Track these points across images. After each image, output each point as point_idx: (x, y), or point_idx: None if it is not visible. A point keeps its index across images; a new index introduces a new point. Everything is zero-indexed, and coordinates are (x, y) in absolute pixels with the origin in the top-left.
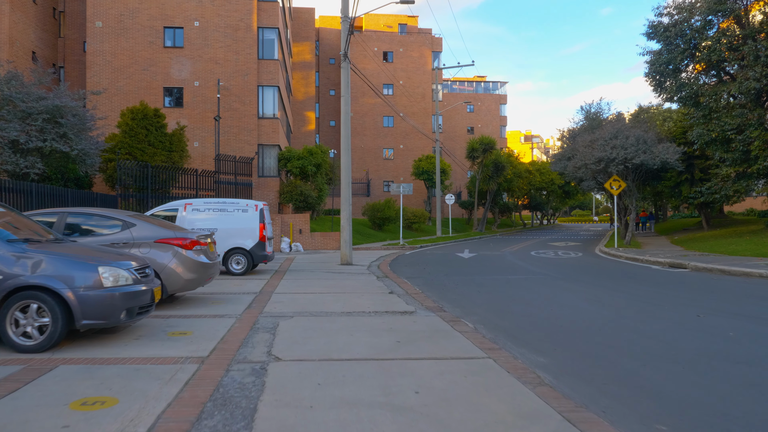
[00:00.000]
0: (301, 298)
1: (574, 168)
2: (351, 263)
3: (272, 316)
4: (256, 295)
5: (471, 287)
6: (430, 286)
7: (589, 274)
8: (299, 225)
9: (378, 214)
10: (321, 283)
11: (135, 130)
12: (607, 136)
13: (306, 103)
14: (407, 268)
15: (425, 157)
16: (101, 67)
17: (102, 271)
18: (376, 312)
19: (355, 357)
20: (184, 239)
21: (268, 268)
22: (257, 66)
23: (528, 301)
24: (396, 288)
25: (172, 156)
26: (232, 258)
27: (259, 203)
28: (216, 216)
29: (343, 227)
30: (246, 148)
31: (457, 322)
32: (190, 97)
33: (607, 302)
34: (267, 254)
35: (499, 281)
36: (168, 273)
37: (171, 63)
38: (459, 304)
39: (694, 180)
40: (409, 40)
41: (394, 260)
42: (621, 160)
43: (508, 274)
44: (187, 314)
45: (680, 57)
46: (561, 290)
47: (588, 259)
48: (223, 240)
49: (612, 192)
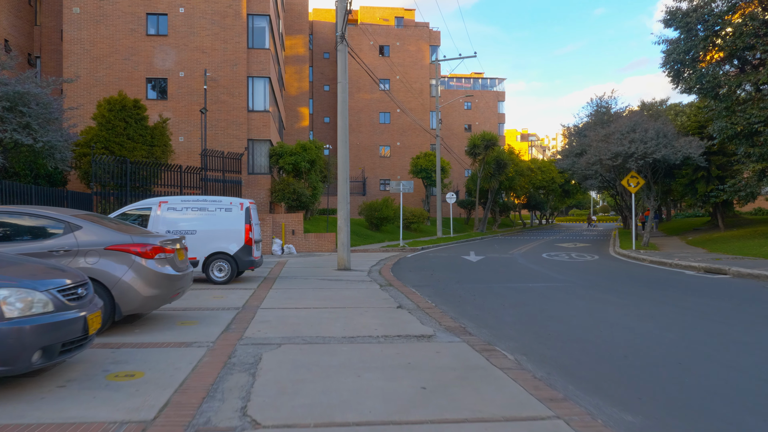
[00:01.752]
0: (292, 315)
1: (587, 164)
2: (349, 268)
3: (254, 344)
4: (238, 312)
5: (491, 298)
6: (443, 296)
7: (619, 281)
8: (292, 225)
9: (375, 214)
10: (316, 293)
11: (112, 123)
12: (623, 129)
13: (299, 98)
14: (412, 274)
15: (423, 154)
16: (79, 56)
17: (3, 296)
18: (386, 337)
19: (367, 419)
20: (144, 245)
21: (255, 275)
22: (247, 56)
23: (566, 317)
24: (404, 300)
25: (153, 151)
26: (214, 264)
27: (245, 201)
28: (195, 216)
29: (340, 228)
30: (235, 143)
31: (492, 351)
32: (175, 89)
33: (662, 320)
34: (254, 260)
35: (520, 290)
36: (122, 289)
37: (154, 52)
38: (484, 323)
39: (711, 177)
40: (406, 33)
41: (396, 264)
42: (640, 154)
43: (527, 280)
44: (144, 341)
45: (701, 44)
46: (598, 303)
47: (607, 262)
48: (203, 243)
49: (630, 189)
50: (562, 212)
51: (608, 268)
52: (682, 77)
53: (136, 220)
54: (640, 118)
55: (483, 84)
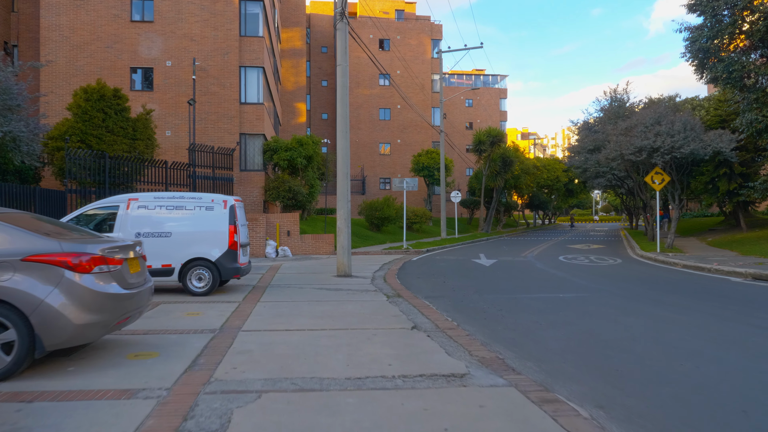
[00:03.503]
0: (281, 341)
1: (606, 159)
2: (350, 274)
3: (225, 393)
4: (214, 336)
5: (521, 314)
6: (464, 311)
7: (661, 290)
8: (287, 226)
9: (376, 214)
10: (312, 308)
11: (90, 114)
12: (648, 121)
13: (296, 93)
14: (422, 282)
15: (425, 151)
16: (57, 43)
17: None
18: (405, 377)
19: None
20: (78, 255)
21: (243, 283)
22: (239, 44)
23: (627, 343)
24: (419, 317)
25: (136, 145)
26: (193, 272)
27: (229, 198)
28: (170, 215)
29: (340, 229)
30: (226, 137)
31: (557, 404)
32: (162, 79)
33: (751, 347)
34: (240, 267)
35: (551, 303)
36: (44, 315)
37: (139, 40)
38: (526, 351)
39: (734, 174)
40: (407, 27)
41: (402, 269)
42: (667, 149)
43: (554, 289)
44: (74, 388)
45: (728, 29)
46: (653, 320)
47: (634, 267)
48: (179, 248)
49: (654, 187)
50: (564, 212)
51: (639, 273)
52: (706, 66)
53: (100, 221)
54: (664, 110)
55: (485, 81)
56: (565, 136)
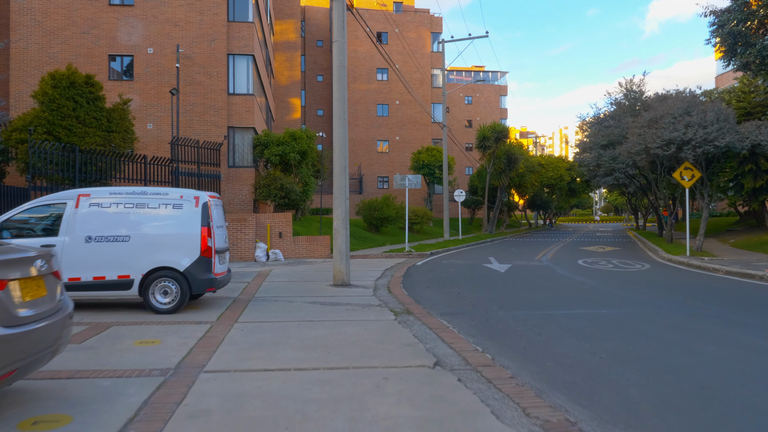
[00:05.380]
0: (255, 393)
1: (629, 154)
2: (348, 283)
3: None
4: (162, 383)
5: (570, 341)
6: (496, 337)
7: (720, 304)
8: (279, 227)
9: (375, 214)
10: (302, 333)
11: (58, 102)
12: (676, 112)
13: (290, 88)
14: (432, 292)
15: (425, 149)
16: (29, 28)
17: None
18: None
19: None
20: None
21: (222, 295)
22: (227, 29)
23: (735, 390)
24: (440, 346)
25: (111, 138)
26: (156, 285)
27: (202, 194)
28: (129, 215)
29: (337, 231)
30: (213, 131)
31: None
32: (143, 68)
33: None
34: (215, 277)
35: (597, 322)
36: None
37: (118, 25)
38: (603, 407)
39: (760, 171)
40: (406, 19)
41: (407, 276)
42: (700, 141)
43: (591, 303)
44: None
45: (763, 11)
46: (746, 350)
47: (669, 273)
48: (140, 254)
49: (684, 184)
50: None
51: (678, 282)
52: (737, 52)
53: (43, 222)
54: (693, 99)
55: (484, 78)
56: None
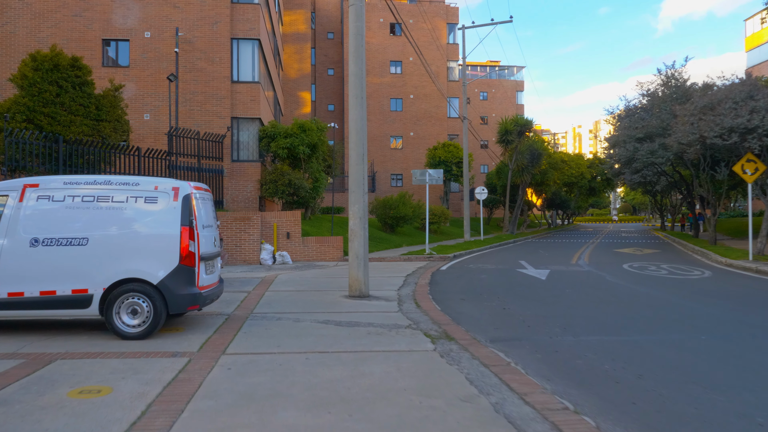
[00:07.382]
0: None
1: (679, 145)
2: (367, 294)
3: None
4: None
5: (693, 388)
6: (585, 384)
7: None
8: (287, 226)
9: (391, 213)
10: (311, 378)
11: (39, 86)
12: (738, 96)
13: (300, 82)
14: (472, 307)
15: (442, 144)
16: (17, 11)
17: None
18: None
19: None
20: None
21: (212, 311)
22: (230, 11)
23: None
24: (511, 401)
25: (101, 127)
26: (122, 302)
27: (183, 185)
28: (88, 211)
29: (354, 232)
30: (215, 122)
31: None
32: (139, 54)
33: None
34: (199, 292)
35: (708, 353)
36: None
37: (113, 7)
38: None
39: None
40: (420, 9)
41: (433, 283)
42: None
43: (676, 325)
44: None
45: None
46: None
47: (741, 282)
48: (102, 263)
49: (746, 178)
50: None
51: (763, 293)
52: None
53: None
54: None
55: (500, 73)
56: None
